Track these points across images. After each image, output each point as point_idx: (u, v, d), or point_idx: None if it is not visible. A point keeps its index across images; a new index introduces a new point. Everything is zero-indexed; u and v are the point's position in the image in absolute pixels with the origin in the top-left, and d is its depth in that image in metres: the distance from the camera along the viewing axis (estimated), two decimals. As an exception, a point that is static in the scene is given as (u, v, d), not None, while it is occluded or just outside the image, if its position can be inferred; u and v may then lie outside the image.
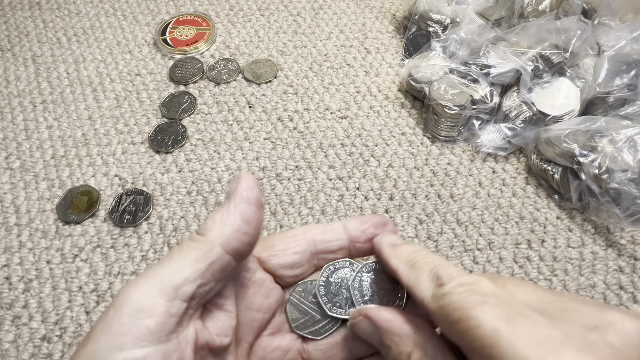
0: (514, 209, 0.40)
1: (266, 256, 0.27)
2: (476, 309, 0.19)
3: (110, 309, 0.20)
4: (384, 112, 0.47)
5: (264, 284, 0.26)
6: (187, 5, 0.57)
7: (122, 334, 0.19)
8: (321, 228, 0.28)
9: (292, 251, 0.27)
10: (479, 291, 0.20)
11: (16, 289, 0.36)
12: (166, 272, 0.21)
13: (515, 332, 0.18)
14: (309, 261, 0.28)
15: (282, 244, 0.27)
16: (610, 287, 0.36)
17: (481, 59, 0.43)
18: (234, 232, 0.22)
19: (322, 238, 0.28)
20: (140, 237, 0.39)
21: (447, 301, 0.20)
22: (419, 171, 0.43)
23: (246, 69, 0.50)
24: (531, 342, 0.18)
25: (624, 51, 0.41)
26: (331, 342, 0.26)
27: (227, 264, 0.22)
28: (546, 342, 0.18)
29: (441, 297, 0.21)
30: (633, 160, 0.36)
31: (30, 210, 0.40)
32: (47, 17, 0.56)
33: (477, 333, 0.19)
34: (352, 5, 0.57)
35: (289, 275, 0.28)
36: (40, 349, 0.34)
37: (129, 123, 0.46)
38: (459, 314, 0.19)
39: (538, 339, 0.18)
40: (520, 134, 0.42)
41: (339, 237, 0.28)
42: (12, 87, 0.49)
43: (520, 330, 0.18)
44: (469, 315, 0.19)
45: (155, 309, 0.20)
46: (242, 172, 0.24)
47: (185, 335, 0.21)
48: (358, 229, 0.28)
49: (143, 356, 0.19)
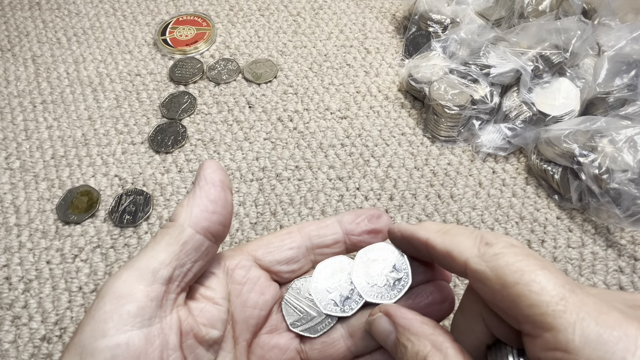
0: (514, 209, 0.40)
1: (262, 253, 0.27)
2: (538, 273, 0.18)
3: (95, 301, 0.21)
4: (384, 112, 0.47)
5: (259, 281, 0.27)
6: (187, 5, 0.57)
7: (105, 321, 0.20)
8: (316, 224, 0.29)
9: (288, 247, 0.27)
10: (534, 255, 0.19)
11: (16, 289, 0.36)
12: (143, 260, 0.22)
13: (582, 303, 0.17)
14: (305, 256, 0.28)
15: (277, 240, 0.28)
16: (610, 287, 0.36)
17: (481, 59, 0.43)
18: (201, 212, 0.23)
19: (317, 233, 0.28)
20: (140, 237, 0.39)
21: (503, 262, 0.19)
22: (419, 171, 0.42)
23: (246, 69, 0.50)
24: (597, 317, 0.17)
25: (624, 51, 0.41)
26: (328, 341, 0.26)
27: (200, 244, 0.23)
28: (610, 317, 0.17)
29: (493, 257, 0.19)
30: (633, 161, 0.36)
31: (30, 210, 0.40)
32: (47, 17, 0.56)
33: (539, 299, 0.17)
34: (352, 5, 0.57)
35: (286, 271, 0.28)
36: (40, 349, 0.34)
37: (129, 123, 0.46)
38: (517, 277, 0.18)
39: (603, 314, 0.17)
40: (520, 134, 0.42)
41: (334, 232, 0.28)
42: (12, 87, 0.49)
43: (585, 301, 0.17)
44: (531, 279, 0.18)
45: (135, 295, 0.21)
46: (206, 160, 0.24)
47: (169, 321, 0.22)
48: (353, 222, 0.28)
49: (126, 340, 0.20)
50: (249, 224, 0.40)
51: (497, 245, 0.20)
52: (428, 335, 0.21)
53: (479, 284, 0.20)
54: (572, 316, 0.17)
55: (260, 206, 0.41)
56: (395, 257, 0.26)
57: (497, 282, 0.19)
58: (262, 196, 0.41)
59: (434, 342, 0.21)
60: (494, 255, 0.19)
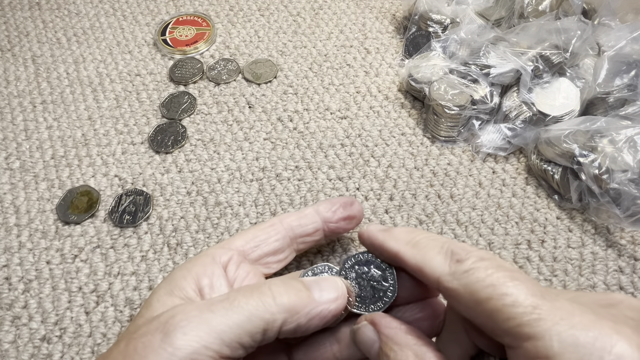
0: (514, 209, 0.40)
1: (249, 248, 0.28)
2: (509, 285, 0.18)
3: (157, 334, 0.20)
4: (384, 113, 0.47)
5: (248, 276, 0.27)
6: (187, 5, 0.57)
7: None
8: (296, 215, 0.30)
9: (274, 239, 0.29)
10: (504, 266, 0.19)
11: (16, 289, 0.36)
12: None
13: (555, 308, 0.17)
14: (289, 246, 0.30)
15: (263, 234, 0.29)
16: (610, 287, 0.36)
17: (481, 59, 0.43)
18: None
19: (298, 223, 0.30)
20: (140, 237, 0.39)
21: (474, 279, 0.19)
22: (419, 171, 0.42)
23: (246, 69, 0.50)
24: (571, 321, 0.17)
25: (624, 51, 0.41)
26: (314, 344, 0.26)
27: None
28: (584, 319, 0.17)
29: (464, 275, 0.19)
30: (633, 161, 0.36)
31: (30, 210, 0.40)
32: (47, 17, 0.56)
33: (513, 311, 0.17)
34: (352, 6, 0.57)
35: (274, 262, 0.29)
36: (40, 350, 0.34)
37: (129, 123, 0.46)
38: (489, 292, 0.18)
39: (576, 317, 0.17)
40: (520, 134, 0.42)
41: (313, 220, 0.30)
42: (12, 88, 0.49)
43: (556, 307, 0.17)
44: (503, 292, 0.18)
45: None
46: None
47: None
48: (329, 211, 0.30)
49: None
50: (249, 224, 0.40)
51: (467, 261, 0.20)
52: (411, 345, 0.21)
53: (454, 300, 0.20)
54: (548, 323, 0.17)
55: (260, 206, 0.41)
56: (381, 269, 0.26)
57: (470, 299, 0.19)
58: (262, 196, 0.41)
59: (416, 352, 0.21)
60: (465, 272, 0.19)
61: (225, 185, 0.42)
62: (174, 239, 0.39)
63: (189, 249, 0.38)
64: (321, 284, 0.24)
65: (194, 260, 0.27)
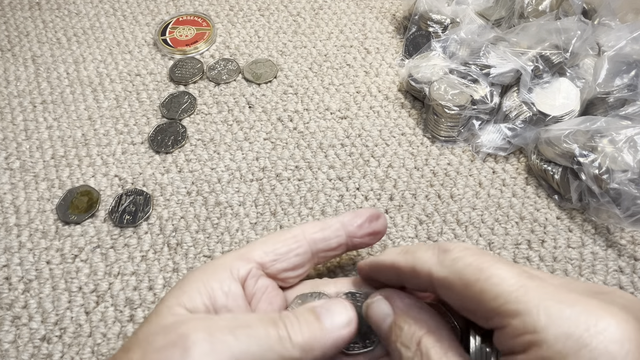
0: (514, 209, 0.40)
1: (269, 261, 0.27)
2: (496, 266, 0.19)
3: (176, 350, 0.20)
4: (384, 113, 0.47)
5: (267, 290, 0.27)
6: (187, 5, 0.57)
7: None
8: (319, 226, 0.29)
9: (294, 253, 0.28)
10: (489, 253, 0.20)
11: (16, 289, 0.36)
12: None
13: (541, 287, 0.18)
14: (309, 261, 0.29)
15: (284, 247, 0.28)
16: (610, 287, 0.36)
17: (481, 59, 0.43)
18: None
19: (322, 237, 0.29)
20: (140, 237, 0.39)
21: (461, 264, 0.20)
22: (419, 171, 0.42)
23: (246, 69, 0.50)
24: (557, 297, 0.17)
25: (624, 51, 0.41)
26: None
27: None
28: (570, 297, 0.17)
29: (452, 262, 0.20)
30: (633, 161, 0.36)
31: (30, 210, 0.40)
32: (47, 18, 0.56)
33: (501, 289, 0.18)
34: (352, 6, 0.57)
35: (292, 277, 0.28)
36: (40, 350, 0.34)
37: (129, 123, 0.46)
38: (477, 274, 0.19)
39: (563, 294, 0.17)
40: (520, 134, 0.42)
41: (337, 235, 0.29)
42: (12, 88, 0.49)
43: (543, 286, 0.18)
44: (490, 273, 0.19)
45: None
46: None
47: None
48: (355, 225, 0.29)
49: None
50: (249, 224, 0.40)
51: (453, 250, 0.21)
52: (425, 320, 0.22)
53: (445, 289, 0.21)
54: (534, 299, 0.17)
55: (260, 206, 0.41)
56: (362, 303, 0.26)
57: (460, 283, 0.20)
58: (262, 196, 0.41)
59: (429, 327, 0.22)
60: (452, 260, 0.21)
61: (225, 185, 0.42)
62: (174, 239, 0.39)
63: (189, 249, 0.38)
64: (331, 308, 0.24)
65: (210, 270, 0.26)
